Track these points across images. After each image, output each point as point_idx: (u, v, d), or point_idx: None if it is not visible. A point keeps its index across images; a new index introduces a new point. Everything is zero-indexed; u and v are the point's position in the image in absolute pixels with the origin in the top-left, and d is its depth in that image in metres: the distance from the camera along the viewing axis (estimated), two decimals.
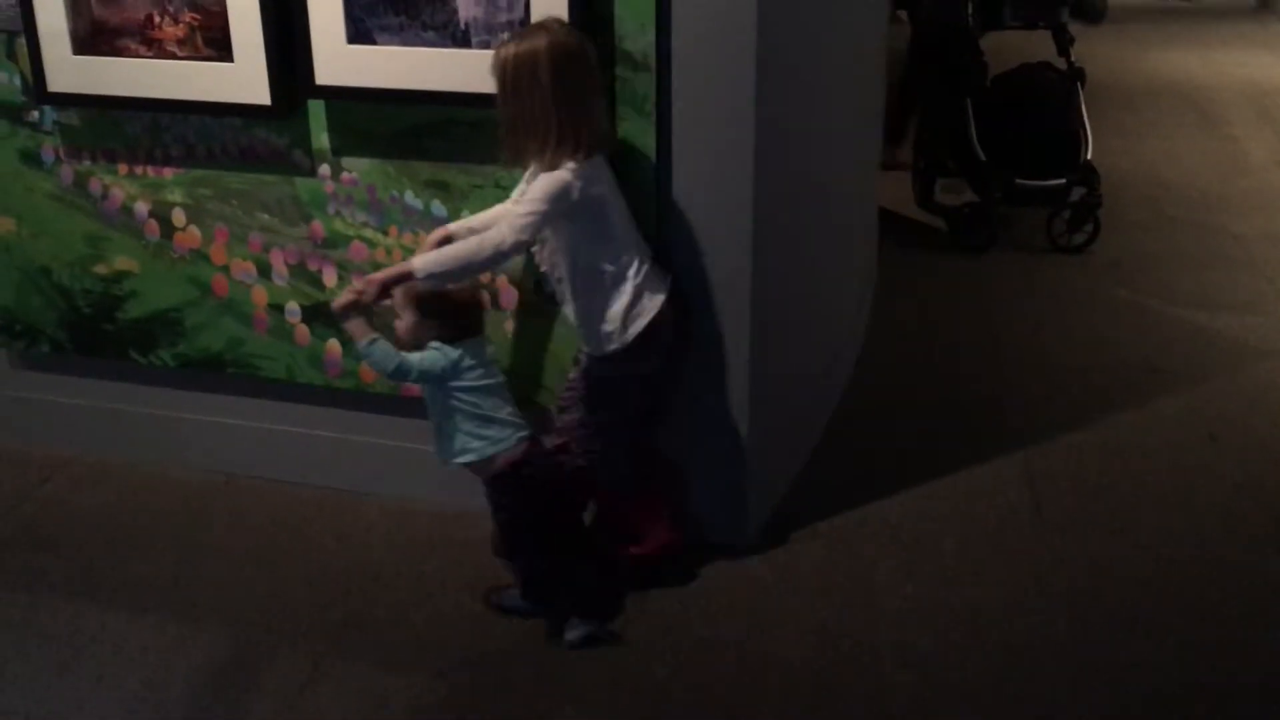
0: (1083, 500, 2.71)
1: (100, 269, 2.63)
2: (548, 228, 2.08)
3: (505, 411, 2.17)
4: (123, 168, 2.53)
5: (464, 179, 2.34)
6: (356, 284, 2.08)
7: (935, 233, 4.62)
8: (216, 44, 2.28)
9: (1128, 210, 4.72)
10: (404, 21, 2.18)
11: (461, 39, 2.17)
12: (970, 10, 4.30)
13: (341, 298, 2.09)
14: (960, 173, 4.57)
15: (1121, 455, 2.91)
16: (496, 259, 2.04)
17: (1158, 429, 3.04)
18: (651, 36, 2.14)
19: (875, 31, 3.42)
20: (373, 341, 2.09)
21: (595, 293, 2.14)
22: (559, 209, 2.03)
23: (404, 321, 2.12)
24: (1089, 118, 4.45)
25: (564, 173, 2.01)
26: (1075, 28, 4.54)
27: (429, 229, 2.38)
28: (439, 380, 2.12)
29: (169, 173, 2.51)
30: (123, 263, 2.61)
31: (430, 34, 2.18)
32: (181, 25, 2.29)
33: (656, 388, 2.29)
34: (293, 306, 2.54)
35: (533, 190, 2.04)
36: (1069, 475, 2.82)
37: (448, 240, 2.17)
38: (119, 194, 2.56)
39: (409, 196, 2.38)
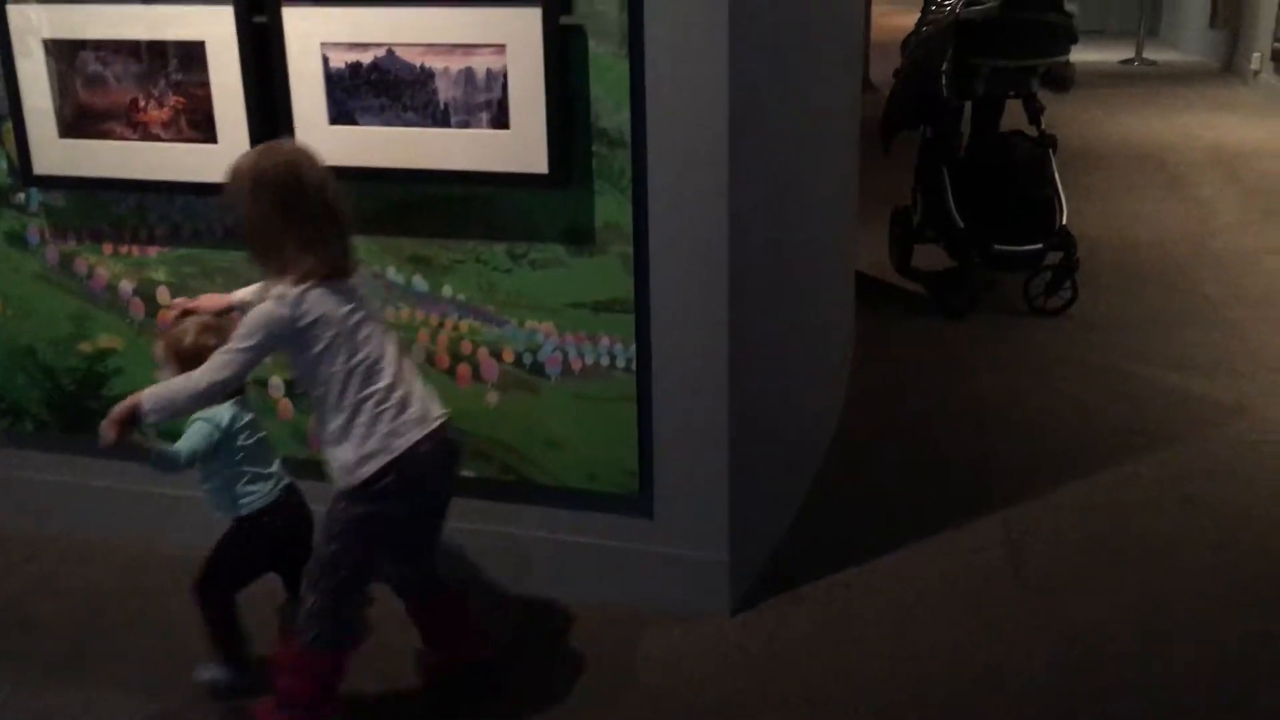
0: (1062, 562, 2.73)
1: (84, 347, 2.65)
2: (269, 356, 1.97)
3: (273, 464, 2.21)
4: (108, 247, 2.57)
5: (445, 254, 2.38)
6: (103, 427, 1.94)
7: (914, 297, 4.69)
8: (201, 126, 2.33)
9: (1100, 273, 4.81)
10: (385, 103, 2.23)
11: (441, 119, 2.22)
12: (945, 81, 4.38)
13: (103, 439, 1.94)
14: (938, 239, 4.66)
15: (1099, 516, 2.94)
16: (212, 394, 1.94)
17: (1134, 490, 3.07)
18: (627, 114, 2.19)
19: (848, 102, 3.50)
20: (150, 454, 2.06)
21: (326, 424, 1.98)
22: (268, 343, 1.92)
23: (166, 377, 2.05)
24: (1061, 182, 4.54)
25: (271, 304, 1.90)
26: (1045, 95, 4.63)
27: (411, 304, 2.42)
28: (213, 451, 2.12)
29: (154, 251, 2.54)
30: (107, 341, 2.63)
31: (410, 114, 2.23)
32: (166, 108, 2.34)
33: (398, 531, 2.07)
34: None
35: (243, 322, 1.94)
36: (1048, 536, 2.84)
37: (188, 314, 2.15)
38: (104, 273, 2.59)
39: (391, 272, 2.42)
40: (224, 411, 2.13)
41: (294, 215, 1.90)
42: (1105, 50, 11.66)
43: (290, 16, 2.22)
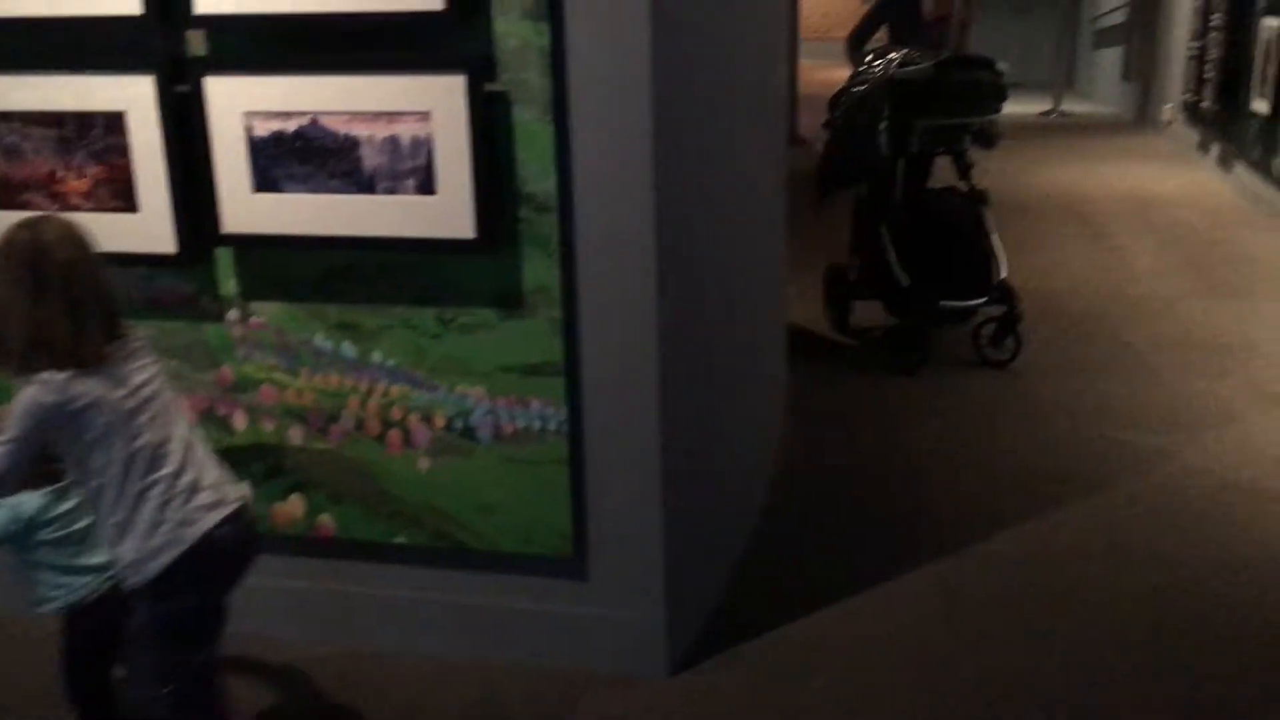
0: (996, 613, 2.75)
1: None
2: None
3: (93, 558, 2.04)
4: None
5: (373, 320, 2.37)
6: None
7: (848, 351, 4.74)
8: (122, 196, 2.30)
9: (1026, 322, 4.90)
10: (310, 170, 2.22)
11: (367, 186, 2.22)
12: (884, 139, 4.43)
13: None
14: (877, 296, 4.67)
15: (1031, 566, 2.97)
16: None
17: (1064, 539, 3.12)
18: (553, 178, 2.21)
19: (773, 156, 3.55)
20: None
21: (107, 518, 1.85)
22: (36, 432, 1.79)
23: None
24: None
25: (36, 389, 1.77)
26: (972, 150, 4.73)
27: (340, 371, 2.40)
28: (14, 539, 2.01)
29: None
30: None
31: (336, 182, 2.22)
32: (86, 179, 2.31)
33: (207, 621, 1.96)
34: None
35: (8, 411, 1.81)
36: (981, 587, 2.86)
37: None
38: None
39: (319, 339, 2.40)
40: (30, 501, 1.99)
41: (36, 296, 1.76)
42: (1025, 103, 11.98)
43: (213, 85, 2.21)
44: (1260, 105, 7.06)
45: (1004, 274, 4.50)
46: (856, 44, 5.52)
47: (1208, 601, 2.78)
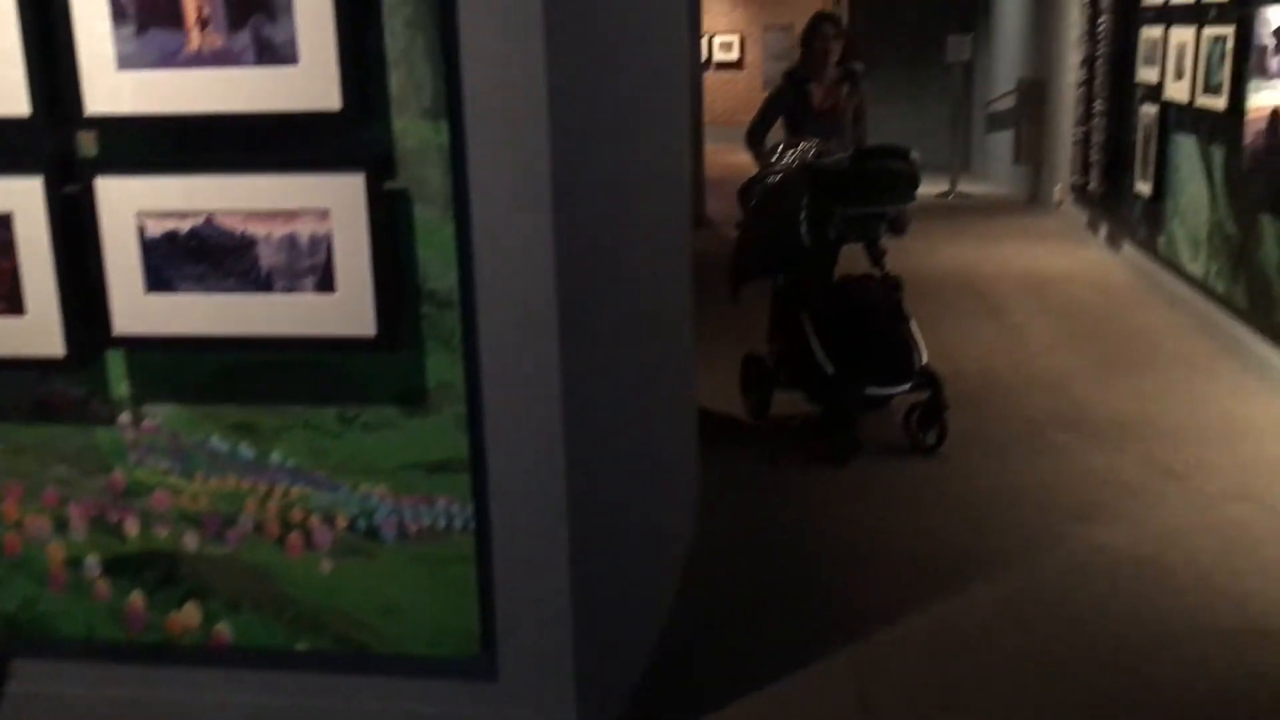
0: (907, 695, 2.75)
1: None
2: None
3: None
4: None
5: (272, 420, 2.32)
6: None
7: (762, 437, 4.76)
8: (7, 298, 2.23)
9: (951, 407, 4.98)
10: (205, 270, 2.18)
11: (264, 285, 2.18)
12: (805, 229, 4.48)
13: None
14: (798, 385, 4.66)
15: (941, 648, 2.98)
16: None
17: (973, 619, 3.14)
18: (455, 275, 2.20)
19: (678, 239, 3.58)
20: None
21: None
22: None
23: None
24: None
25: None
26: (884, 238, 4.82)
27: (238, 473, 2.34)
28: None
29: None
30: None
31: (232, 281, 2.19)
32: None
33: None
34: (92, 561, 2.42)
35: None
36: (893, 670, 2.87)
37: None
38: None
39: (215, 440, 2.34)
40: None
41: None
42: (924, 185, 12.30)
43: (104, 186, 2.17)
44: (1143, 187, 7.36)
45: (925, 359, 4.51)
46: (756, 137, 5.59)
47: (1118, 678, 2.82)
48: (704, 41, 17.15)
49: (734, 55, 19.68)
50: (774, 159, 4.84)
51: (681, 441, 3.60)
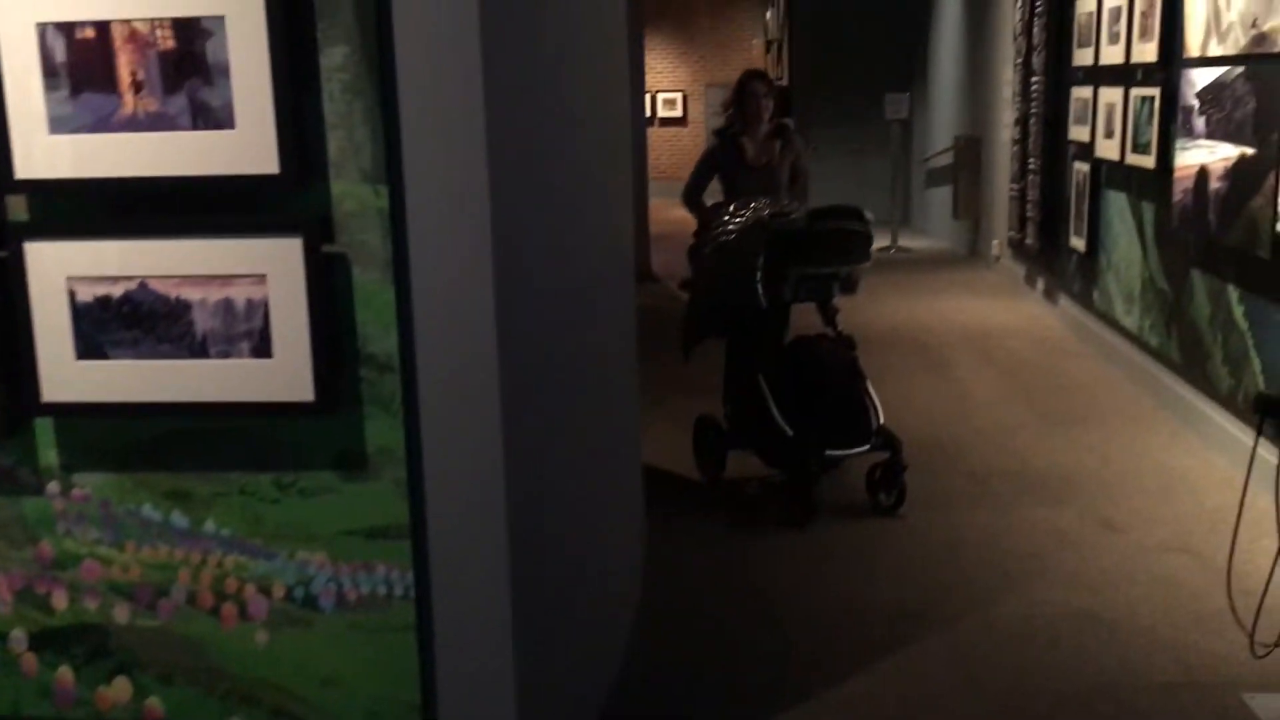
0: None
1: None
2: None
3: None
4: None
5: (206, 488, 2.27)
6: None
7: (721, 501, 4.74)
8: None
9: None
10: (138, 335, 2.14)
11: (199, 350, 2.14)
12: (761, 289, 4.41)
13: None
14: (754, 447, 4.60)
15: (887, 710, 2.97)
16: None
17: (919, 678, 3.14)
18: (394, 338, 2.17)
19: (621, 286, 3.58)
20: None
21: None
22: None
23: None
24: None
25: None
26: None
27: (170, 542, 2.28)
28: None
29: None
30: None
31: (166, 346, 2.14)
32: None
33: None
34: (18, 634, 2.34)
35: None
36: None
37: None
38: None
39: (147, 509, 2.28)
40: None
41: None
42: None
43: (34, 251, 2.13)
44: (1078, 242, 7.51)
45: (881, 419, 4.47)
46: (693, 196, 5.53)
47: None
48: (648, 98, 17.34)
49: (677, 112, 19.93)
50: (724, 217, 4.78)
51: (627, 502, 3.58)
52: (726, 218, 4.74)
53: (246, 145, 2.08)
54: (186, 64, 2.06)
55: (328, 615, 2.29)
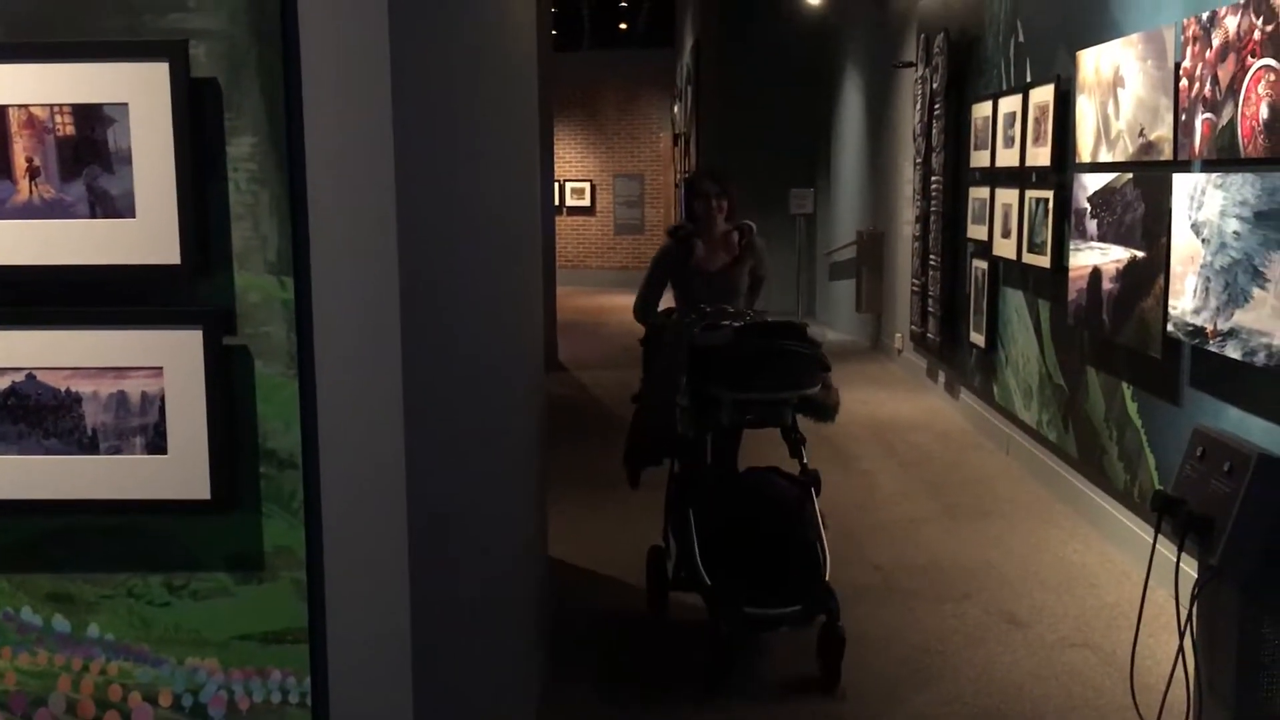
0: None
1: None
2: None
3: None
4: None
5: (91, 590, 2.15)
6: None
7: (656, 628, 4.67)
8: None
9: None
10: (23, 430, 2.04)
11: (89, 446, 2.05)
12: (681, 415, 3.88)
13: None
14: (693, 589, 3.99)
15: None
16: None
17: None
18: (297, 434, 2.11)
19: (530, 378, 3.55)
20: None
21: None
22: None
23: None
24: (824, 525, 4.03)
25: None
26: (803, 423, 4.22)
27: (50, 648, 2.15)
28: None
29: None
30: None
31: (53, 441, 2.05)
32: None
33: None
34: None
35: None
36: None
37: None
38: None
39: (26, 613, 2.15)
40: None
41: None
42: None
43: None
44: (977, 338, 7.70)
45: (827, 575, 3.83)
46: (648, 307, 4.87)
47: None
48: (556, 186, 17.49)
49: (585, 201, 20.12)
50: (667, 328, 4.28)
51: (532, 614, 3.51)
52: (669, 328, 4.28)
53: (147, 234, 2.01)
54: (86, 151, 2.00)
55: None
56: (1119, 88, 5.17)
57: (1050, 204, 6.17)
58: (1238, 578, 2.94)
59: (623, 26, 19.47)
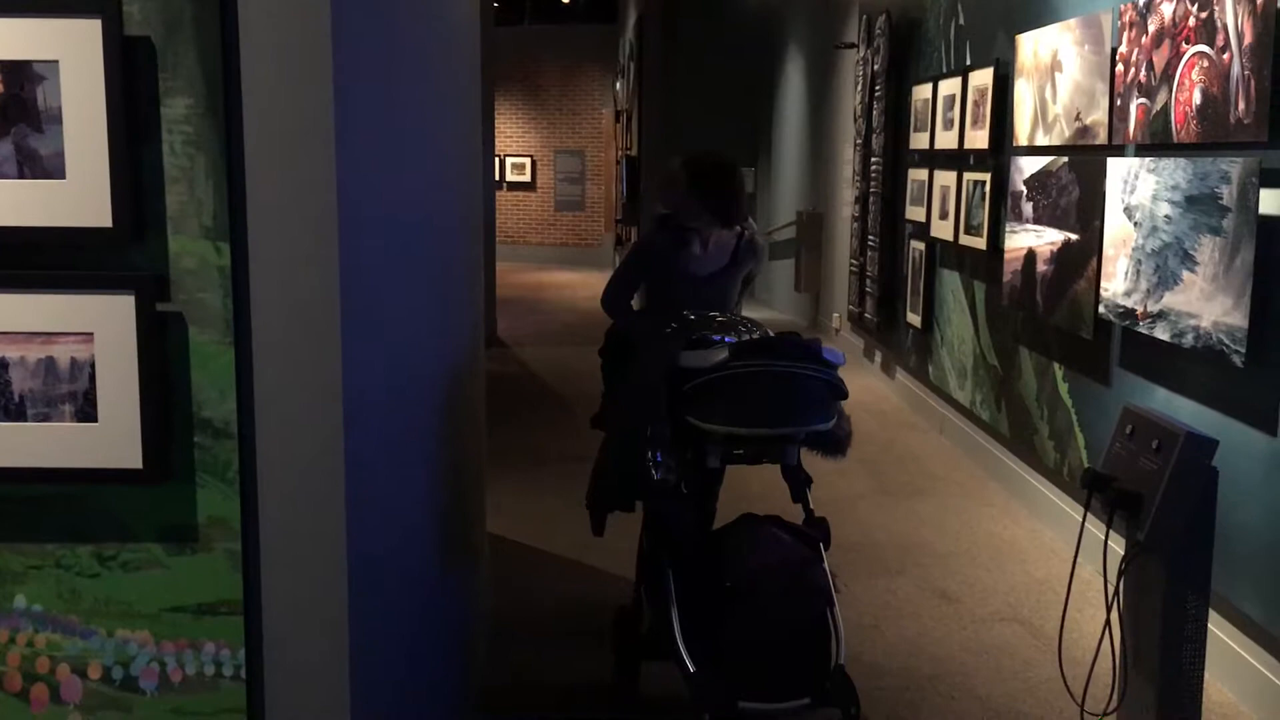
0: None
1: None
2: None
3: None
4: None
5: (18, 560, 2.10)
6: None
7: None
8: None
9: None
10: None
11: (16, 413, 2.00)
12: (652, 455, 3.04)
13: None
14: (670, 659, 3.04)
15: None
16: None
17: None
18: (232, 403, 2.07)
19: (469, 353, 3.52)
20: None
21: None
22: None
23: None
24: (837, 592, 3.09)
25: None
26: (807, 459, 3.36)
27: None
28: None
29: None
30: None
31: None
32: None
33: None
34: None
35: None
36: None
37: None
38: None
39: None
40: None
41: None
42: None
43: None
44: (914, 318, 7.78)
45: (842, 658, 2.91)
46: (620, 303, 4.10)
47: None
48: (496, 161, 17.36)
49: (526, 176, 20.01)
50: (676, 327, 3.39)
51: (469, 571, 3.49)
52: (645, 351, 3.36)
53: (77, 196, 1.96)
54: (14, 109, 1.94)
55: (149, 699, 2.14)
56: (1056, 72, 5.24)
57: (987, 186, 6.25)
58: (1163, 553, 3.01)
59: (565, 1, 19.35)
